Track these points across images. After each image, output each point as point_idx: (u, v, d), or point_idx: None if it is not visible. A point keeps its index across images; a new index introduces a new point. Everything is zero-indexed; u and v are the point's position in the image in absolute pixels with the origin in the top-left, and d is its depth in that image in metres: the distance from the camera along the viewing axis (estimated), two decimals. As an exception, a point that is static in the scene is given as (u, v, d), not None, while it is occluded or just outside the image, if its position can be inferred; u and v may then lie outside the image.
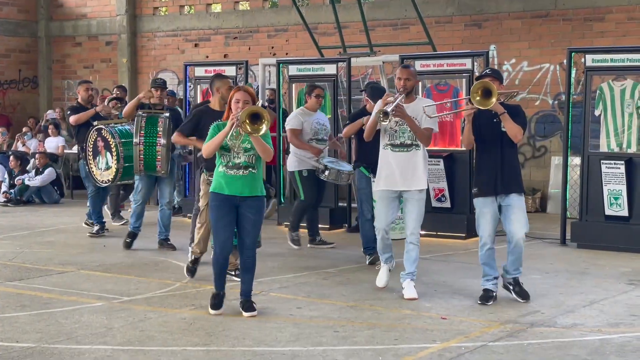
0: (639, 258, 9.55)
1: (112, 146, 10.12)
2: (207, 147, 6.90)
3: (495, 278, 7.43)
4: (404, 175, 7.57)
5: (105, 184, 10.47)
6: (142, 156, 9.82)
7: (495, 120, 7.21)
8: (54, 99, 18.96)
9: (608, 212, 10.10)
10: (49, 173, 14.70)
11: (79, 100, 11.25)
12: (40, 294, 7.82)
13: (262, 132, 6.57)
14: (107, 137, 10.16)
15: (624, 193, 9.97)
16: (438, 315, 6.98)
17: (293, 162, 10.19)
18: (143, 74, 17.79)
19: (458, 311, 7.17)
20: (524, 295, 7.44)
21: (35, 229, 11.81)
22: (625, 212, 10.01)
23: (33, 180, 14.62)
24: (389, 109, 7.30)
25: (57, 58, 18.94)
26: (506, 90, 7.45)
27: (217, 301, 7.01)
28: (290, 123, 10.20)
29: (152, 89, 10.22)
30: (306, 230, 10.44)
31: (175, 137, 8.64)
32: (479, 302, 7.33)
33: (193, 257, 8.44)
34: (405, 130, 7.55)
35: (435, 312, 7.11)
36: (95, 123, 10.38)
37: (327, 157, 10.25)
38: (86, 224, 11.69)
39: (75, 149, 13.72)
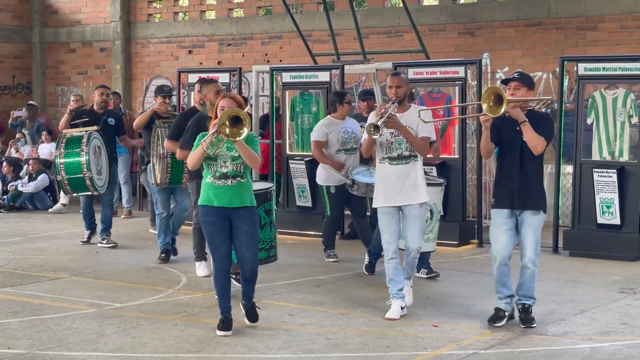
0: (631, 266, 9.58)
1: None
2: (190, 159, 6.59)
3: (509, 297, 6.92)
4: (404, 189, 7.19)
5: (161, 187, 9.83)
6: (169, 169, 9.42)
7: (517, 128, 6.71)
8: (47, 105, 18.93)
9: (600, 220, 10.12)
10: (42, 179, 14.67)
11: (94, 106, 10.84)
12: (32, 300, 7.81)
13: (242, 136, 6.24)
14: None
15: (616, 201, 10.00)
16: (430, 323, 6.99)
17: (321, 175, 9.80)
18: (137, 80, 17.78)
19: (450, 319, 7.19)
20: (525, 321, 6.86)
21: (28, 236, 11.79)
22: (617, 221, 10.03)
23: (26, 186, 14.60)
24: (379, 122, 6.95)
25: (51, 64, 18.91)
26: (523, 98, 6.75)
27: (225, 324, 6.63)
28: (314, 134, 9.79)
29: (162, 97, 10.01)
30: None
31: (179, 154, 8.30)
32: (487, 322, 6.91)
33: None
34: (401, 141, 7.17)
35: (427, 320, 7.12)
36: (157, 123, 9.69)
37: (358, 167, 9.63)
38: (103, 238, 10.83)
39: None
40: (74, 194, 10.48)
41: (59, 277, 8.90)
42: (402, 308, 7.16)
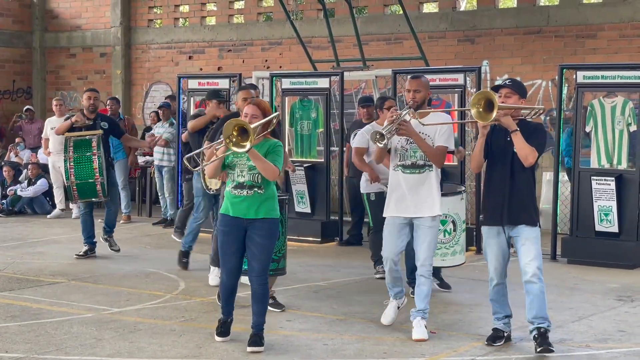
0: (629, 274, 9.59)
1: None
2: (208, 169, 6.46)
3: (507, 317, 6.54)
4: (416, 200, 6.76)
5: (213, 193, 9.47)
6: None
7: (508, 138, 6.27)
8: (47, 110, 18.94)
9: (598, 228, 10.14)
10: (42, 184, 14.68)
11: (84, 110, 10.45)
12: (31, 304, 7.82)
13: (245, 149, 6.01)
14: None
15: (614, 209, 10.02)
16: (427, 329, 6.99)
17: (363, 183, 9.35)
18: (137, 85, 17.82)
19: (447, 325, 7.20)
20: (543, 346, 6.24)
21: (27, 240, 11.80)
22: (615, 228, 10.05)
23: (25, 191, 14.61)
24: (384, 130, 6.58)
25: (51, 69, 18.94)
26: (514, 105, 6.33)
27: (224, 329, 6.55)
28: (355, 141, 9.45)
29: (217, 101, 9.51)
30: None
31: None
32: (485, 342, 6.54)
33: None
34: (416, 149, 6.74)
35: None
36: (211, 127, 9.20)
37: None
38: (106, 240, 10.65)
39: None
40: (80, 200, 10.13)
41: (57, 281, 8.91)
42: (398, 307, 7.14)
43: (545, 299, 6.31)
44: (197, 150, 7.80)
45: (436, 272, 8.38)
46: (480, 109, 6.09)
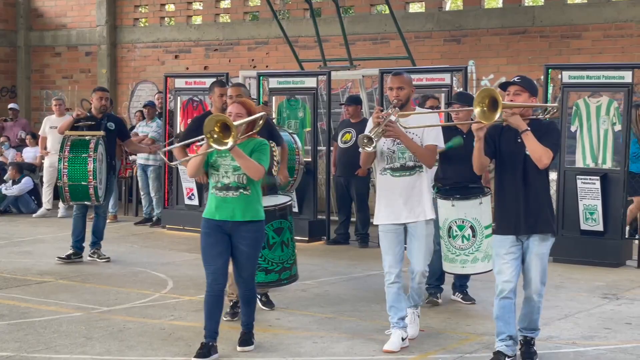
0: (614, 272, 9.67)
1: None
2: (188, 167, 6.15)
3: (512, 338, 5.95)
4: (409, 204, 6.34)
5: None
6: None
7: (519, 139, 5.77)
8: (32, 109, 18.90)
9: (583, 226, 10.22)
10: (26, 182, 14.64)
11: (92, 110, 10.18)
12: (19, 303, 7.82)
13: (227, 146, 5.71)
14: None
15: (599, 208, 10.10)
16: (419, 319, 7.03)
17: None
18: (122, 84, 17.78)
19: (436, 323, 7.24)
20: (527, 356, 6.04)
21: (12, 239, 11.77)
22: (600, 227, 10.13)
23: (10, 189, 14.57)
24: (372, 133, 6.17)
25: (36, 68, 18.87)
26: (521, 104, 5.80)
27: (204, 350, 6.06)
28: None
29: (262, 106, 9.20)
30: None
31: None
32: None
33: (230, 302, 7.27)
34: (405, 150, 6.32)
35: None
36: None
37: None
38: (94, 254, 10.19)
39: None
40: (72, 202, 9.83)
41: (45, 280, 8.90)
42: (402, 339, 6.38)
43: (540, 314, 6.05)
44: (182, 143, 7.54)
45: (461, 284, 8.03)
46: (485, 109, 5.56)
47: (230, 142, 5.71)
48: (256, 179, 6.02)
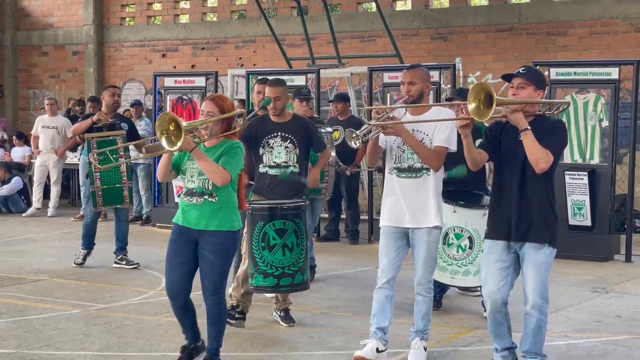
0: (602, 267, 9.81)
1: None
2: (157, 171, 5.74)
3: (509, 349, 5.54)
4: (412, 209, 5.92)
5: None
6: None
7: (519, 138, 5.27)
8: (19, 108, 18.90)
9: (572, 222, 10.35)
10: (16, 182, 14.66)
11: (103, 109, 9.75)
12: (16, 301, 7.85)
13: (175, 147, 5.21)
14: None
15: (587, 203, 10.23)
16: (410, 322, 7.07)
17: None
18: (110, 83, 17.78)
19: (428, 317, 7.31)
20: None
21: (4, 238, 11.79)
22: (588, 222, 10.26)
23: (0, 189, 14.57)
24: (359, 132, 5.79)
25: (23, 67, 18.87)
26: (520, 100, 5.29)
27: (183, 355, 5.78)
28: None
29: (299, 99, 8.95)
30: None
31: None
32: None
33: (230, 305, 6.88)
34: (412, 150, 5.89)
35: (406, 319, 7.24)
36: None
37: None
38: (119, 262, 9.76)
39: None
40: (104, 207, 9.44)
41: (39, 279, 8.94)
42: (378, 351, 5.97)
43: (543, 335, 5.42)
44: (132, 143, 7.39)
45: (440, 290, 7.56)
46: (480, 105, 5.07)
47: (179, 143, 5.19)
48: (220, 184, 5.42)
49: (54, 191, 14.30)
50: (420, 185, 5.92)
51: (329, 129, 9.01)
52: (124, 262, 9.62)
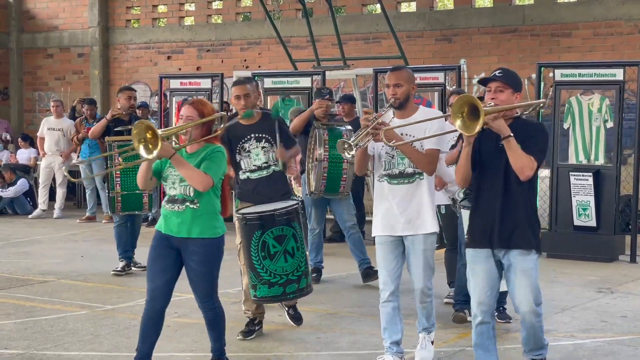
0: (607, 267, 9.83)
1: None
2: (137, 177, 5.57)
3: None
4: (406, 216, 5.71)
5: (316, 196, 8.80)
6: (325, 174, 8.43)
7: (500, 144, 5.04)
8: (25, 110, 18.96)
9: (577, 222, 10.38)
10: (22, 184, 14.71)
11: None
12: (23, 302, 7.90)
13: (152, 156, 5.15)
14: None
15: (592, 204, 10.26)
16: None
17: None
18: (115, 85, 17.79)
19: (437, 317, 7.31)
20: None
21: (10, 240, 11.84)
22: (593, 223, 10.29)
23: (6, 191, 14.63)
24: (352, 140, 5.56)
25: (28, 70, 18.93)
26: (505, 106, 5.08)
27: None
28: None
29: (320, 99, 8.82)
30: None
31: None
32: None
33: (248, 319, 6.82)
34: (404, 155, 5.71)
35: (413, 319, 7.27)
36: (315, 124, 8.74)
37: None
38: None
39: None
40: (122, 213, 9.23)
41: (47, 280, 8.99)
42: None
43: (542, 331, 5.35)
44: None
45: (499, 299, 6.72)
46: (466, 119, 4.88)
47: (155, 152, 5.12)
48: (201, 190, 5.34)
49: (60, 193, 14.36)
50: (414, 190, 5.72)
51: (349, 127, 8.86)
52: (138, 266, 9.35)
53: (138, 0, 17.75)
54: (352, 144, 5.51)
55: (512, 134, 4.97)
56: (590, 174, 10.28)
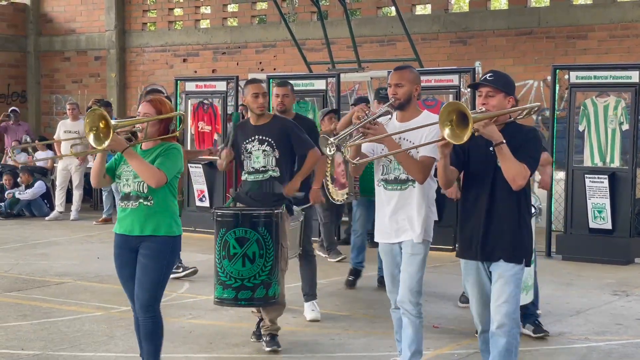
0: (623, 270, 9.80)
1: None
2: (91, 174, 5.41)
3: None
4: (397, 223, 5.49)
5: (340, 203, 9.08)
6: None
7: (491, 149, 4.81)
8: (42, 113, 19.09)
9: (592, 225, 10.36)
10: (39, 186, 14.80)
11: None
12: (40, 304, 7.97)
13: (101, 147, 5.00)
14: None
15: (608, 206, 10.23)
16: (430, 324, 7.16)
17: None
18: (131, 88, 17.95)
19: (449, 320, 7.38)
20: None
21: (28, 242, 11.92)
22: (608, 225, 10.27)
23: (23, 193, 14.72)
24: (334, 139, 5.32)
25: (45, 73, 19.06)
26: (496, 113, 4.83)
27: None
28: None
29: (376, 101, 8.77)
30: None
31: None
32: None
33: (270, 335, 6.52)
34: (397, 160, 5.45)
35: (427, 321, 7.27)
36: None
37: None
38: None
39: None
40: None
41: (63, 281, 9.05)
42: None
43: (516, 353, 4.90)
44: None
45: (528, 313, 6.75)
46: (454, 127, 4.62)
47: (107, 142, 4.98)
48: (154, 185, 5.14)
49: (77, 195, 14.44)
50: (407, 197, 5.45)
51: None
52: (181, 270, 9.13)
53: (154, 3, 17.85)
54: (334, 142, 5.28)
55: (504, 141, 4.72)
56: (606, 176, 10.26)
